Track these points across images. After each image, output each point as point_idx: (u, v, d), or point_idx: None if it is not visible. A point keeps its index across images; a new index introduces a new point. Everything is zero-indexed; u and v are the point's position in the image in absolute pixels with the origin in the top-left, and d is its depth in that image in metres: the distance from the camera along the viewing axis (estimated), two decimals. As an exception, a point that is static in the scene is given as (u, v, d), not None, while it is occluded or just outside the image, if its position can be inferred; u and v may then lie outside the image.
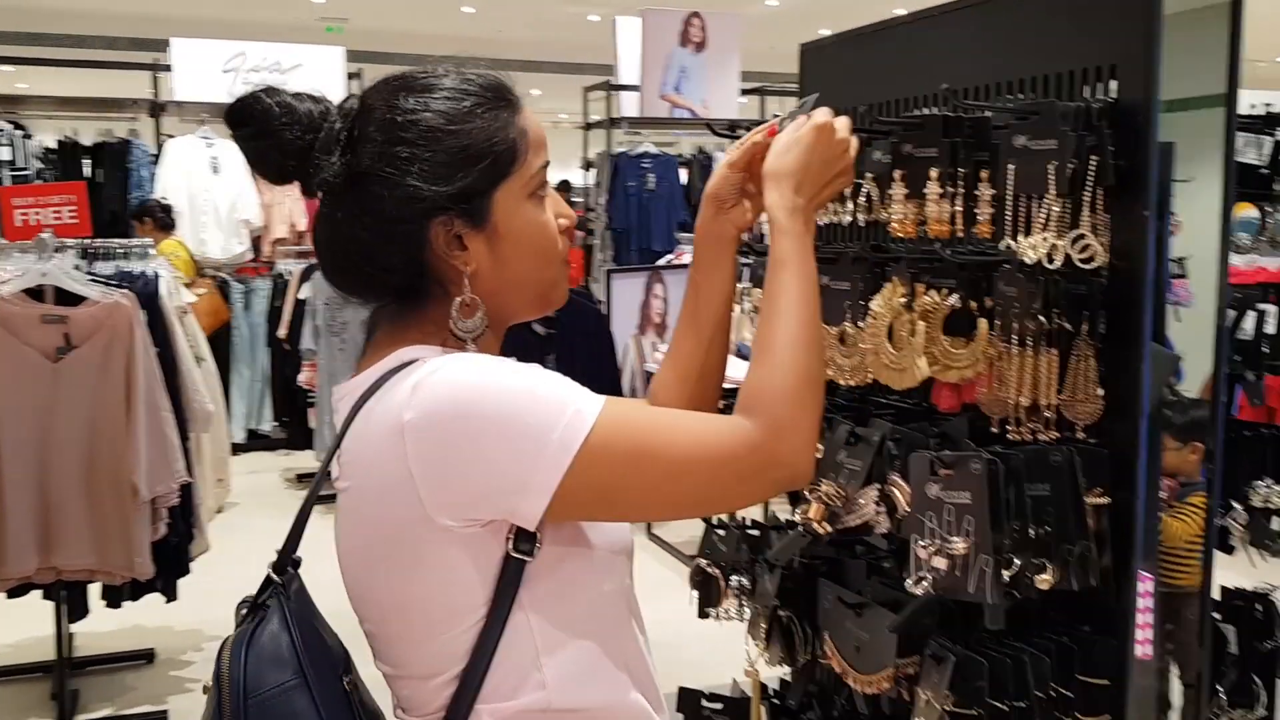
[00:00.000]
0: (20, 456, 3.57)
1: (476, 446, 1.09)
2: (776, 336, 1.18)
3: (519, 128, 1.20)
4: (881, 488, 1.39)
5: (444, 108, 1.19)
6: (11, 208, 3.86)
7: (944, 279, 1.43)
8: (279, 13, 12.85)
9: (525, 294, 1.25)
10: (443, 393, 1.10)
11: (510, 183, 1.19)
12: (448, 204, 1.18)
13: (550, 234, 1.23)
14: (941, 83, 1.53)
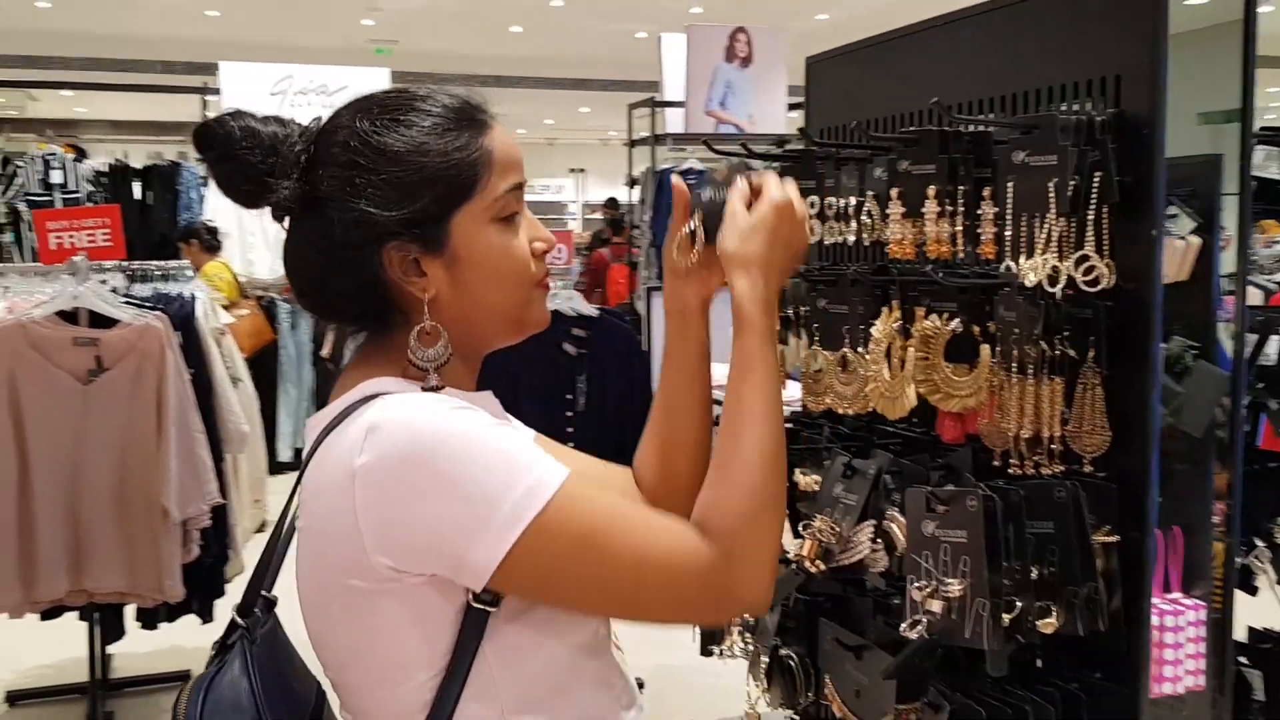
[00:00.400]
0: (51, 479, 3.59)
1: (424, 501, 1.04)
2: (741, 451, 1.12)
3: (483, 149, 1.16)
4: (878, 524, 1.31)
5: (400, 131, 1.15)
6: (47, 231, 3.89)
7: (945, 302, 1.35)
8: (330, 36, 13.01)
9: (493, 320, 1.20)
10: (398, 440, 1.05)
11: (470, 206, 1.15)
12: (399, 229, 1.14)
13: (516, 258, 1.18)
14: (948, 96, 1.46)
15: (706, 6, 12.63)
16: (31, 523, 3.58)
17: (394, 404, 1.09)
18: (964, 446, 1.39)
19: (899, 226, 1.36)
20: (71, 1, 11.90)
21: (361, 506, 1.05)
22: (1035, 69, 1.38)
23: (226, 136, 1.18)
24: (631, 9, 12.82)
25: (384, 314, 1.19)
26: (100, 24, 12.33)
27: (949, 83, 1.52)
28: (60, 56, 12.04)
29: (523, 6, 12.80)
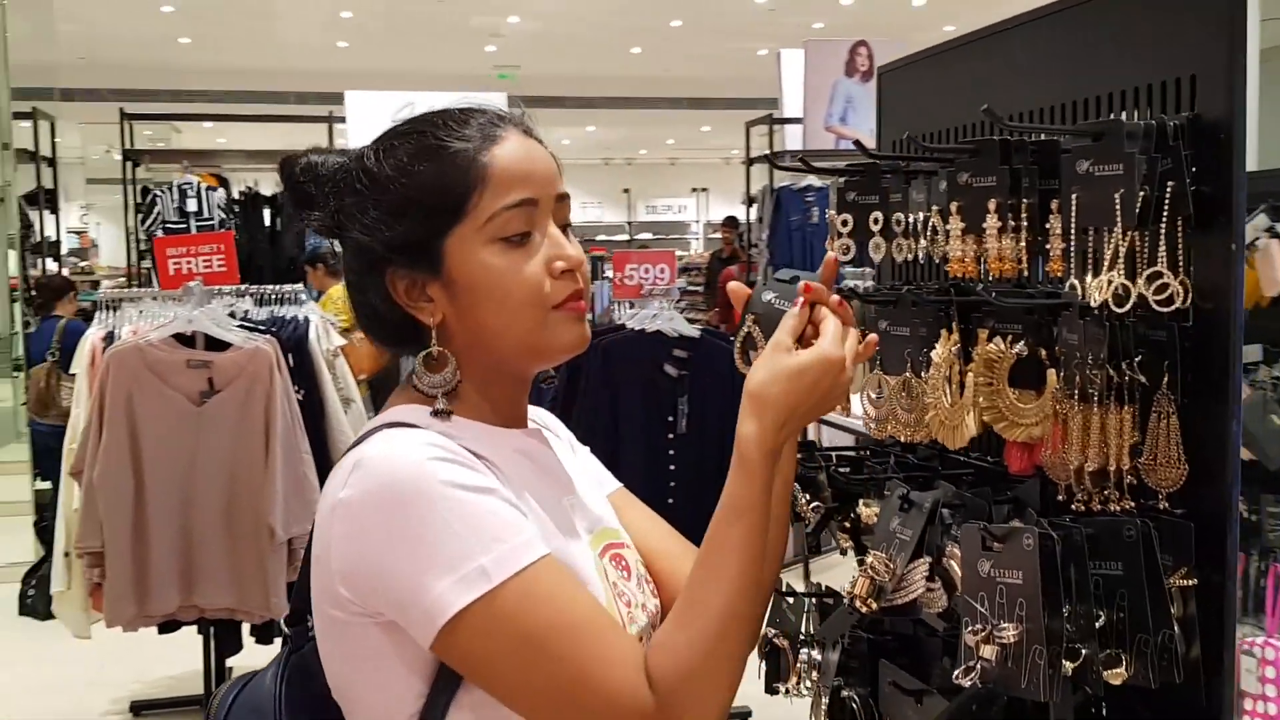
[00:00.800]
0: (165, 497, 3.71)
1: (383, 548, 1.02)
2: (710, 600, 1.05)
3: (477, 167, 1.12)
4: (935, 561, 1.23)
5: (393, 156, 1.15)
6: (166, 257, 4.04)
7: (1010, 324, 1.26)
8: (454, 63, 13.31)
9: (504, 345, 1.16)
10: (375, 480, 1.04)
11: (463, 226, 1.13)
12: (391, 254, 1.14)
13: (520, 280, 1.13)
14: (1016, 102, 1.37)
15: (829, 22, 12.51)
16: (146, 539, 3.71)
17: (384, 441, 1.08)
18: (1033, 479, 1.30)
19: (959, 243, 1.28)
20: (211, 37, 12.46)
21: (336, 539, 1.05)
22: (1106, 72, 1.28)
23: (290, 173, 1.21)
24: (752, 27, 12.79)
25: (408, 338, 1.20)
26: (239, 58, 12.88)
27: (1018, 89, 1.43)
28: (201, 90, 12.60)
29: (642, 27, 12.90)
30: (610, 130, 20.15)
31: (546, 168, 1.18)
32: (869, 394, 1.44)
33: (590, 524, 1.24)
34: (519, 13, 12.23)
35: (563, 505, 1.21)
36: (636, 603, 1.20)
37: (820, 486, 1.53)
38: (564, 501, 1.22)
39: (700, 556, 1.09)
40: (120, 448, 3.68)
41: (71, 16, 10.81)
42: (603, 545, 1.23)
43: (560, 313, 1.15)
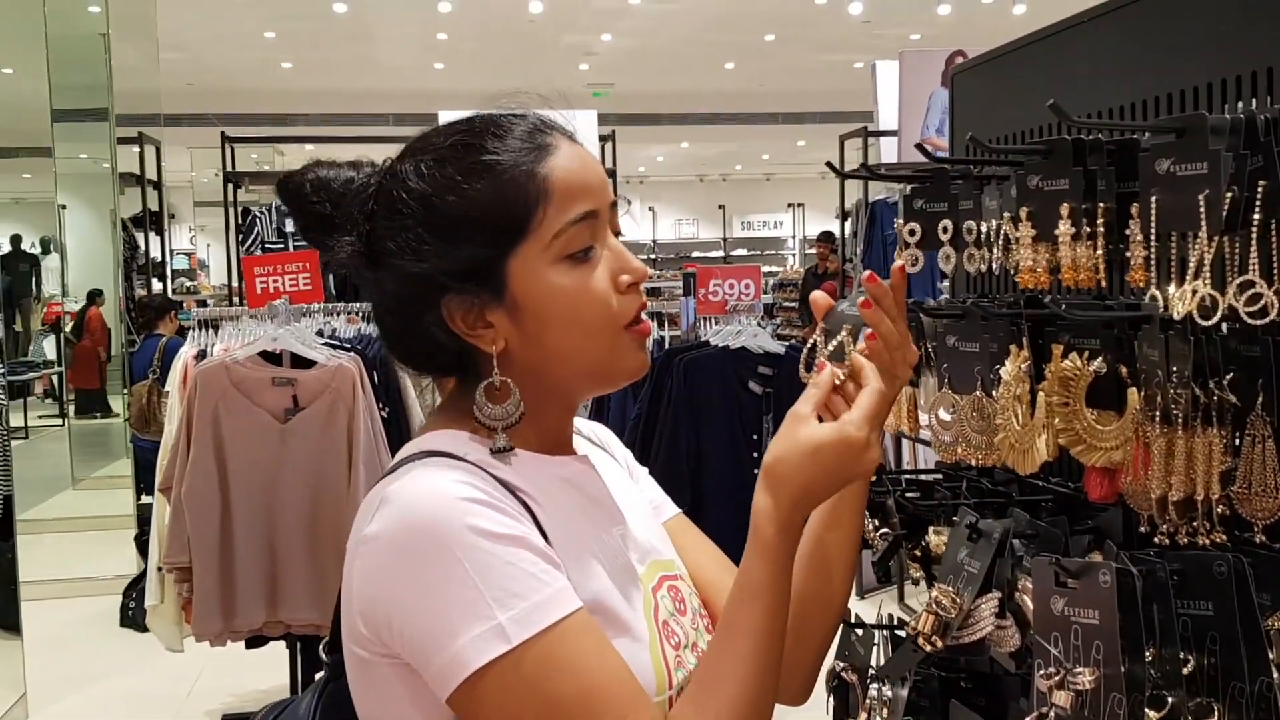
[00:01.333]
0: (250, 514, 3.74)
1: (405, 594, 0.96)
2: (725, 685, 0.99)
3: (537, 179, 1.04)
4: (1005, 596, 1.13)
5: (441, 172, 1.05)
6: (254, 276, 4.09)
7: (1087, 339, 1.16)
8: (547, 81, 13.37)
9: (572, 370, 1.09)
10: (400, 520, 0.98)
11: (527, 246, 1.04)
12: (450, 282, 1.05)
13: (591, 299, 1.05)
14: (1092, 101, 1.27)
15: (925, 33, 12.29)
16: (231, 555, 3.74)
17: (414, 478, 1.01)
18: (1114, 507, 1.19)
19: (1029, 252, 1.18)
20: (311, 62, 12.76)
21: (358, 576, 1.00)
22: (1188, 63, 1.18)
23: (297, 190, 1.13)
24: (847, 39, 12.64)
25: (464, 366, 1.12)
26: (337, 81, 13.16)
27: (1095, 85, 1.33)
28: (302, 114, 12.91)
29: (736, 42, 12.84)
30: (705, 146, 20.10)
31: (600, 175, 1.09)
32: (938, 415, 1.35)
33: (643, 554, 1.17)
34: (612, 30, 12.27)
35: (613, 535, 1.14)
36: (687, 641, 1.13)
37: (888, 512, 1.44)
38: (614, 531, 1.15)
39: (715, 635, 1.03)
40: (207, 464, 3.72)
41: (178, 45, 11.17)
42: (657, 577, 1.16)
43: (629, 335, 1.08)
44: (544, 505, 1.06)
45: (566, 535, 1.06)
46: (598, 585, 1.05)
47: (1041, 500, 1.34)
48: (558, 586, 0.98)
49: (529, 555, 0.98)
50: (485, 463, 1.06)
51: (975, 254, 1.37)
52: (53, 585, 6.47)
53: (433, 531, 0.96)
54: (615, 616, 1.05)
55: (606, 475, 1.22)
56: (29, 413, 11.74)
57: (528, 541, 0.99)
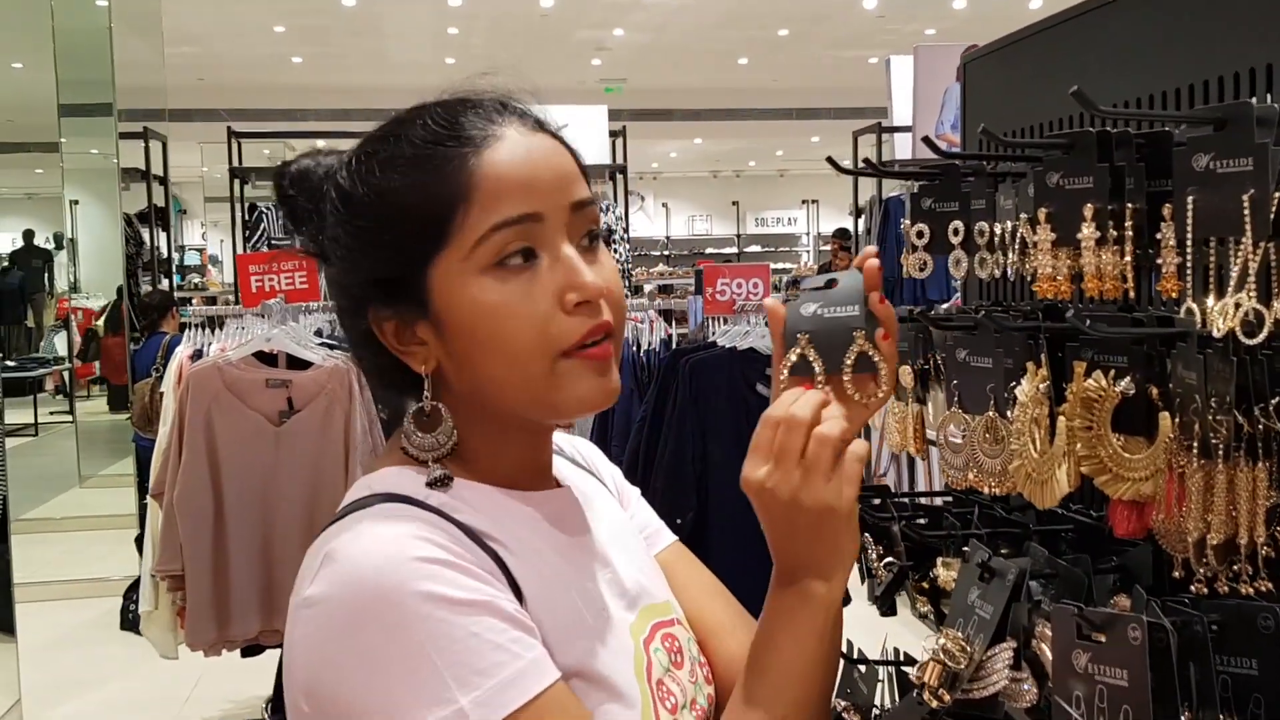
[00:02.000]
0: (244, 520, 3.64)
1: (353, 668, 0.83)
2: None
3: (465, 173, 0.90)
4: (1020, 645, 1.01)
5: (364, 170, 0.94)
6: (249, 275, 3.99)
7: (1113, 356, 1.03)
8: (561, 77, 13.29)
9: (507, 398, 0.94)
10: (350, 583, 0.84)
11: (446, 255, 0.91)
12: (370, 292, 0.94)
13: (512, 320, 0.90)
14: (1121, 90, 1.14)
15: (941, 27, 12.14)
16: (225, 563, 3.64)
17: (361, 532, 0.87)
18: (1144, 544, 1.07)
19: (1048, 257, 1.06)
20: (322, 57, 12.67)
21: (298, 643, 0.86)
22: (1229, 47, 1.05)
23: (280, 179, 1.01)
24: (862, 34, 12.50)
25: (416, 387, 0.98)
26: (348, 77, 13.08)
27: (1123, 73, 1.20)
28: (313, 109, 12.83)
29: (750, 38, 12.71)
30: (718, 142, 19.98)
31: (555, 170, 0.93)
32: (947, 436, 1.23)
33: (632, 600, 1.03)
34: (624, 26, 12.16)
35: (598, 582, 1.01)
36: (685, 700, 1.00)
37: (893, 540, 1.32)
38: (600, 576, 1.02)
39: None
40: (199, 468, 3.63)
41: (189, 39, 11.10)
42: (649, 626, 1.03)
43: (573, 361, 0.92)
44: (517, 553, 0.93)
45: (544, 588, 0.93)
46: (580, 647, 0.93)
47: (1061, 531, 1.22)
48: (530, 658, 0.85)
49: (496, 623, 0.85)
50: (448, 505, 0.93)
51: (988, 258, 1.25)
52: (55, 586, 6.40)
53: (382, 599, 0.82)
54: (602, 681, 0.92)
55: (592, 505, 1.08)
56: (40, 409, 11.71)
57: (494, 606, 0.86)
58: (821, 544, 0.89)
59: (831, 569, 0.91)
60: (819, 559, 0.90)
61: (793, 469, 0.88)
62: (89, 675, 5.23)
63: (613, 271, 0.97)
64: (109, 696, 5.03)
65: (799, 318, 0.98)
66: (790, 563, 0.92)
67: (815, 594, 0.91)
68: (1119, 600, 1.02)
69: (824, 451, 0.88)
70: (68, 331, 11.64)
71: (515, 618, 0.87)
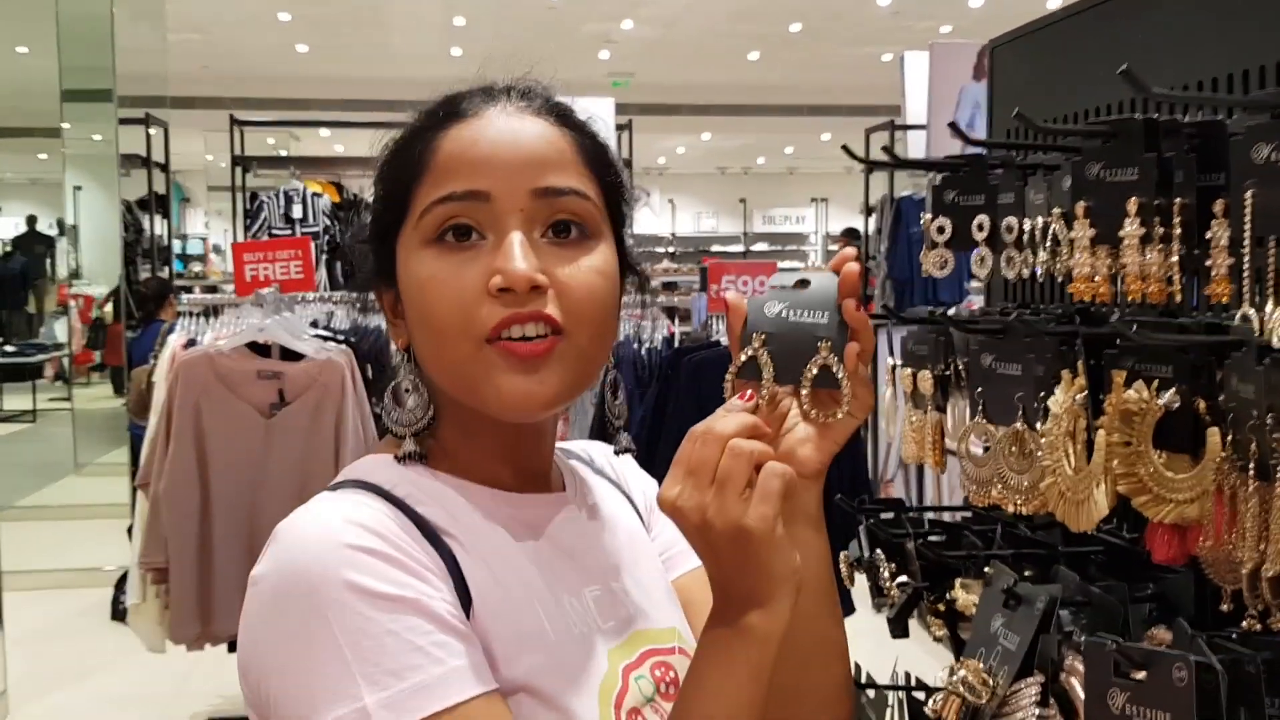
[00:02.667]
0: (231, 513, 3.55)
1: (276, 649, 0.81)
2: None
3: (420, 151, 0.91)
4: (1046, 680, 0.92)
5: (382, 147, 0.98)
6: (244, 263, 3.90)
7: (1156, 365, 0.95)
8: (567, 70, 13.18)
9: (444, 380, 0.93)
10: (284, 563, 0.82)
11: (405, 230, 0.93)
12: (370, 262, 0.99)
13: (437, 293, 0.88)
14: (1173, 76, 1.05)
15: (956, 24, 12.02)
16: (210, 557, 3.56)
17: (308, 513, 0.85)
18: (1185, 571, 0.98)
19: (1087, 256, 0.97)
20: (327, 46, 12.59)
21: (243, 624, 0.84)
22: None
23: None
24: (875, 31, 12.40)
25: None
26: (354, 67, 12.99)
27: (1167, 58, 1.11)
28: (317, 99, 12.75)
29: (760, 33, 12.60)
30: (726, 139, 19.87)
31: (522, 152, 0.89)
32: (969, 447, 1.14)
33: (623, 622, 0.96)
34: (633, 18, 12.06)
35: (581, 598, 0.94)
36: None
37: (908, 558, 1.23)
38: (585, 593, 0.95)
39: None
40: (187, 460, 3.54)
41: (193, 27, 11.01)
42: (638, 652, 0.95)
43: (494, 350, 0.87)
44: (473, 553, 0.88)
45: (501, 594, 0.87)
46: (533, 662, 0.86)
47: (1090, 553, 1.12)
48: (452, 665, 0.79)
49: (420, 623, 0.79)
50: (412, 498, 0.89)
51: (1015, 256, 1.16)
52: (46, 575, 6.33)
53: (306, 583, 0.79)
54: (552, 701, 0.85)
55: (600, 517, 1.02)
56: (38, 395, 11.65)
57: (422, 605, 0.80)
58: (748, 568, 0.81)
59: (765, 596, 0.82)
60: (749, 585, 0.82)
61: (705, 486, 0.80)
62: (78, 666, 5.15)
63: (582, 270, 0.90)
64: (97, 688, 4.95)
65: (760, 317, 0.89)
66: (722, 591, 0.84)
67: (751, 626, 0.82)
68: (1157, 633, 0.93)
69: (736, 465, 0.80)
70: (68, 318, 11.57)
71: (444, 620, 0.81)
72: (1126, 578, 1.05)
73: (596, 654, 0.91)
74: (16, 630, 4.98)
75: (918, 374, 1.26)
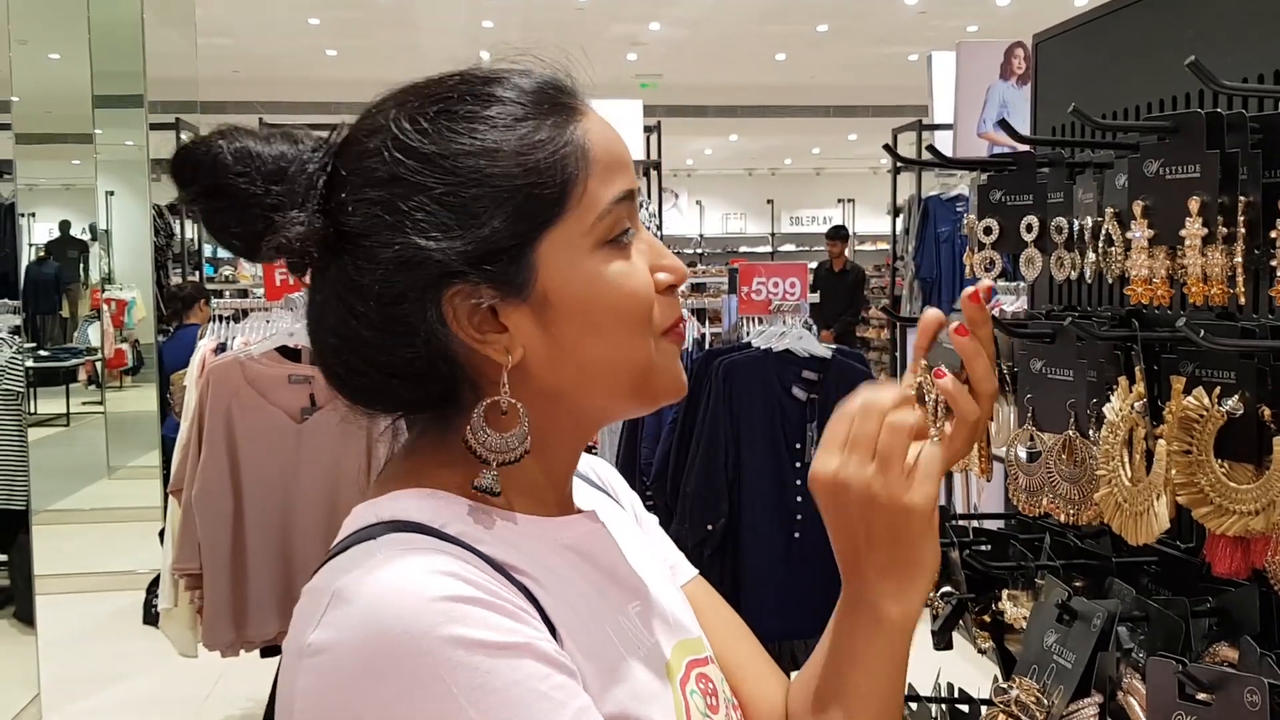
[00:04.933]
0: (265, 518, 3.55)
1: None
2: None
3: (575, 144, 0.82)
4: (1103, 701, 0.88)
5: (456, 128, 0.81)
6: (273, 268, 3.89)
7: (1219, 370, 0.91)
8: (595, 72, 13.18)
9: (608, 387, 0.85)
10: (368, 627, 0.72)
11: (562, 227, 0.81)
12: (463, 267, 0.80)
13: (636, 293, 0.83)
14: (1232, 69, 1.01)
15: (984, 24, 11.93)
16: (244, 562, 3.55)
17: (377, 567, 0.75)
18: (1249, 585, 0.94)
19: (1144, 257, 0.93)
20: (356, 50, 12.64)
21: (302, 692, 0.74)
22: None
23: (213, 162, 0.84)
24: (902, 30, 12.33)
25: (447, 394, 0.85)
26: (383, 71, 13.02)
27: (1225, 51, 1.07)
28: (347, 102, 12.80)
29: (787, 33, 12.56)
30: (754, 139, 19.80)
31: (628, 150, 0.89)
32: (1017, 454, 1.10)
33: (668, 636, 0.92)
34: (660, 20, 12.03)
35: (630, 615, 0.89)
36: None
37: (951, 568, 1.19)
38: (630, 609, 0.90)
39: None
40: (219, 466, 3.54)
41: (223, 31, 11.07)
42: (684, 664, 0.91)
43: (667, 342, 0.86)
44: (549, 588, 0.81)
45: (580, 626, 0.82)
46: (621, 692, 0.81)
47: (1144, 564, 1.08)
48: (576, 706, 0.73)
49: (538, 667, 0.73)
50: (469, 535, 0.80)
51: (1065, 257, 1.12)
52: (79, 579, 6.36)
53: (407, 645, 0.70)
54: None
55: (616, 530, 0.96)
56: (72, 399, 11.73)
57: (535, 649, 0.74)
58: (899, 552, 0.80)
59: (908, 585, 0.81)
60: (896, 571, 0.81)
61: (867, 461, 0.79)
62: (110, 670, 5.17)
63: None
64: (129, 692, 4.96)
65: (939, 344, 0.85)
66: (861, 579, 0.82)
67: (889, 618, 0.82)
68: (1220, 650, 0.89)
69: (897, 441, 0.79)
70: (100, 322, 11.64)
71: (557, 660, 0.75)
72: (1183, 590, 1.00)
73: (660, 673, 0.87)
74: (50, 633, 5.00)
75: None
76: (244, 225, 0.84)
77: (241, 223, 0.84)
